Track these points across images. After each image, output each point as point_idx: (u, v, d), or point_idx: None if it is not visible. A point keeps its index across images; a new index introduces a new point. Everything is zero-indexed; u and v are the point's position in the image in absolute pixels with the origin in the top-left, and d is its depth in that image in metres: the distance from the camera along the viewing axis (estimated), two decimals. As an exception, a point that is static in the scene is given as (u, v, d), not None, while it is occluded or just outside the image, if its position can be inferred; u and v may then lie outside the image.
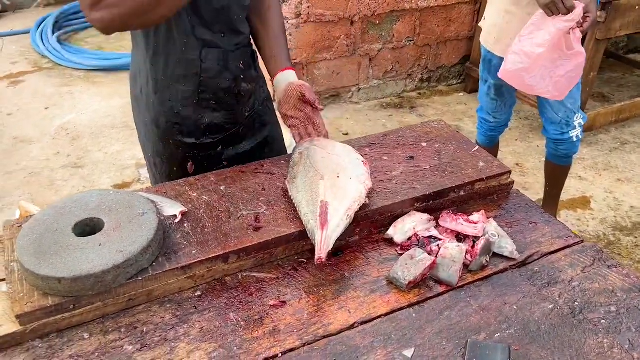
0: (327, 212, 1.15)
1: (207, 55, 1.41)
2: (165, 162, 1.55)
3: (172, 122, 1.47)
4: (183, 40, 1.38)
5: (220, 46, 1.42)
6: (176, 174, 1.54)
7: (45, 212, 1.13)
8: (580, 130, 2.50)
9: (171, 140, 1.50)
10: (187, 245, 1.15)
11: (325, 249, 1.10)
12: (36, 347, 1.00)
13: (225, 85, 1.46)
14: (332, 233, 1.13)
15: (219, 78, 1.45)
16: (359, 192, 1.23)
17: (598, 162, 3.58)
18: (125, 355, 0.99)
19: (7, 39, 5.30)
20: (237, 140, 1.56)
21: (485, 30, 2.44)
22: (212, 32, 1.40)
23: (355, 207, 1.19)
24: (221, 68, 1.44)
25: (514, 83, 2.21)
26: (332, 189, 1.22)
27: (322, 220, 1.14)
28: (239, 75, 1.48)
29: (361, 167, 1.32)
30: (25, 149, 3.55)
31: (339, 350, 1.01)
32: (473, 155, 1.49)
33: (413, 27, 4.20)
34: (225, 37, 1.43)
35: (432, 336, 1.04)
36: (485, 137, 2.78)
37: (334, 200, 1.18)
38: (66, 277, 0.99)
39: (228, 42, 1.44)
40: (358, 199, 1.21)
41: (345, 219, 1.17)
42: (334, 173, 1.27)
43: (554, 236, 1.29)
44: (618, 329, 1.06)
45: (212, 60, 1.42)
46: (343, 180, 1.25)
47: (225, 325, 1.05)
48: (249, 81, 1.53)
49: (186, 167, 1.53)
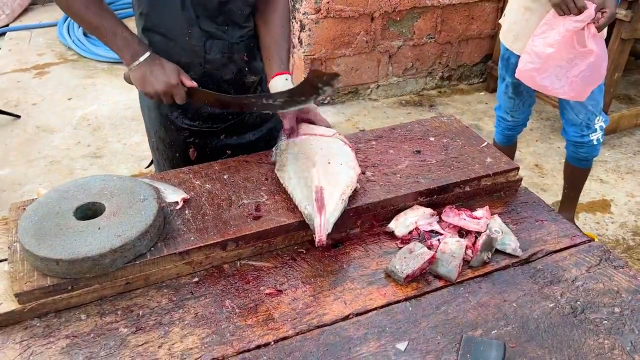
0: (323, 197, 1.17)
1: (212, 47, 1.41)
2: (167, 148, 1.57)
3: (174, 107, 1.48)
4: (187, 30, 1.39)
5: (224, 38, 1.42)
6: (178, 159, 1.56)
7: (49, 196, 1.15)
8: (602, 134, 2.43)
9: (173, 125, 1.51)
10: (187, 232, 1.16)
11: (325, 231, 1.13)
12: (34, 326, 1.02)
13: (229, 76, 1.47)
14: (330, 217, 1.15)
15: (222, 69, 1.45)
16: (350, 177, 1.24)
17: (621, 165, 3.49)
18: (119, 337, 1.00)
19: (35, 31, 5.41)
20: (241, 130, 1.56)
21: (505, 28, 2.39)
22: (216, 25, 1.40)
23: (348, 192, 1.21)
24: (226, 60, 1.44)
25: (529, 83, 2.17)
26: (324, 175, 1.23)
27: (319, 205, 1.16)
28: (243, 67, 1.48)
29: (349, 153, 1.33)
30: (47, 138, 3.62)
31: (332, 341, 1.00)
32: (481, 150, 1.46)
33: (434, 24, 4.16)
34: (229, 29, 1.43)
35: (427, 330, 1.02)
36: (502, 136, 2.74)
37: (327, 186, 1.20)
38: (64, 258, 1.00)
39: (231, 34, 1.43)
40: (350, 184, 1.23)
41: (341, 203, 1.18)
42: (324, 159, 1.28)
43: (560, 235, 1.26)
44: (620, 330, 1.03)
45: (216, 52, 1.42)
46: (334, 166, 1.26)
47: (220, 312, 1.06)
48: (253, 73, 1.52)
49: (188, 154, 1.54)
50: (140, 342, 0.99)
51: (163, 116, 1.51)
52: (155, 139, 1.60)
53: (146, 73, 1.32)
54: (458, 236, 1.21)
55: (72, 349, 0.98)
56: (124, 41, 1.32)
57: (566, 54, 2.00)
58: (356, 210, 1.25)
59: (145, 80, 1.32)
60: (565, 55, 2.00)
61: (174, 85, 1.32)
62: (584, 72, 2.01)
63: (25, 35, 5.33)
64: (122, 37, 1.32)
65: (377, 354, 0.98)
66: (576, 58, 2.00)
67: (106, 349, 0.98)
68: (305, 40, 3.83)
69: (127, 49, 1.32)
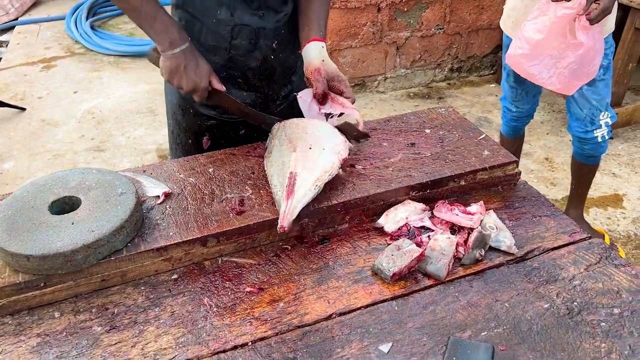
0: (294, 183, 1.14)
1: (239, 33, 1.37)
2: (182, 132, 1.53)
3: None
4: (217, 12, 1.34)
5: (253, 24, 1.37)
6: (191, 146, 1.52)
7: (25, 189, 1.12)
8: (608, 130, 2.33)
9: (191, 109, 1.47)
10: (166, 227, 1.12)
11: (289, 218, 1.09)
12: (5, 324, 0.99)
13: (253, 64, 1.42)
14: (297, 203, 1.12)
15: (247, 56, 1.41)
16: (331, 162, 1.21)
17: (635, 159, 3.39)
18: (92, 336, 0.97)
19: (44, 25, 5.42)
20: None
21: (505, 14, 2.32)
22: (251, 9, 1.36)
23: (325, 178, 1.17)
24: (252, 47, 1.40)
25: (517, 70, 2.09)
26: (303, 160, 1.20)
27: (288, 190, 1.13)
28: (269, 55, 1.42)
29: (337, 136, 1.29)
30: (52, 131, 3.61)
31: (312, 342, 0.96)
32: (479, 143, 1.40)
33: (443, 14, 4.07)
34: (264, 15, 1.38)
35: (413, 331, 0.97)
36: (508, 128, 2.66)
37: (303, 171, 1.17)
38: (35, 254, 0.97)
39: (266, 20, 1.38)
40: (330, 170, 1.19)
41: (314, 189, 1.15)
42: (306, 144, 1.25)
43: (559, 231, 1.20)
44: (619, 332, 0.97)
45: (243, 38, 1.38)
46: (315, 151, 1.23)
47: (197, 311, 1.02)
48: (283, 65, 1.47)
49: (201, 141, 1.50)
50: (113, 341, 0.96)
51: (183, 99, 1.47)
52: (172, 121, 1.56)
53: (179, 66, 1.28)
54: (450, 232, 1.16)
55: (43, 348, 0.94)
56: (164, 26, 1.28)
57: (557, 43, 1.92)
58: (344, 205, 1.20)
59: (175, 72, 1.29)
60: (556, 44, 1.93)
61: (204, 88, 1.30)
62: (572, 65, 1.93)
63: (34, 28, 5.35)
64: (161, 21, 1.28)
65: (359, 355, 0.93)
66: (567, 49, 1.92)
67: (78, 348, 0.94)
68: (310, 31, 3.77)
69: (166, 34, 1.28)
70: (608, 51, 2.15)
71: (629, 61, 3.29)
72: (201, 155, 1.36)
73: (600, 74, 2.14)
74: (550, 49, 1.94)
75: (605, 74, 2.20)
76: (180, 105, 1.50)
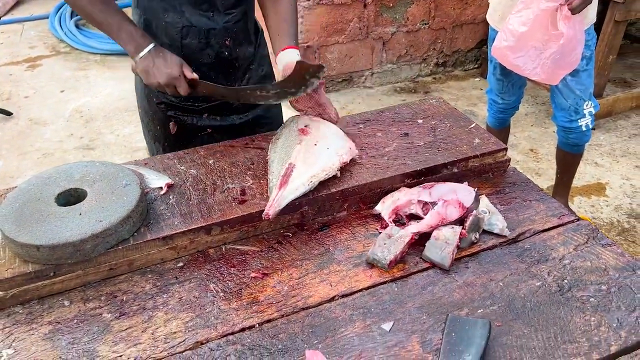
0: (290, 174, 1.18)
1: (188, 33, 1.42)
2: (150, 120, 1.59)
3: None
4: (164, 16, 1.40)
5: (201, 25, 1.42)
6: (159, 132, 1.57)
7: (30, 182, 1.14)
8: (591, 119, 2.41)
9: (155, 98, 1.53)
10: (170, 217, 1.15)
11: (276, 207, 1.13)
12: (17, 313, 1.01)
13: (207, 60, 1.47)
14: (288, 194, 1.15)
15: (199, 54, 1.45)
16: (331, 162, 1.24)
17: (616, 149, 3.48)
18: (103, 322, 1.00)
19: (27, 24, 5.36)
20: (225, 112, 1.55)
21: (492, 8, 2.38)
22: (200, 11, 1.41)
23: (321, 176, 1.21)
24: (202, 46, 1.45)
25: (503, 61, 2.15)
26: (304, 153, 1.23)
27: (282, 180, 1.17)
28: (222, 51, 1.47)
29: (344, 140, 1.32)
30: (40, 130, 3.60)
31: (317, 322, 1.00)
32: (469, 132, 1.45)
33: (428, 9, 4.13)
34: (214, 16, 1.43)
35: (413, 310, 1.02)
36: (495, 119, 2.72)
37: (302, 165, 1.20)
38: (44, 244, 0.99)
39: (215, 21, 1.43)
40: (328, 169, 1.22)
41: (307, 184, 1.18)
42: (313, 139, 1.28)
43: (548, 214, 1.26)
44: (607, 307, 1.02)
45: (192, 38, 1.43)
46: (319, 148, 1.26)
47: (204, 296, 1.05)
48: (239, 58, 1.51)
49: (169, 127, 1.55)
50: (124, 327, 0.99)
51: (147, 88, 1.52)
52: (141, 110, 1.63)
53: (149, 65, 1.33)
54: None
55: (55, 335, 0.97)
56: (128, 35, 1.34)
57: (540, 35, 1.99)
58: (343, 193, 1.24)
59: (148, 72, 1.34)
60: (539, 36, 1.99)
61: (176, 77, 1.33)
62: (555, 55, 1.99)
63: (17, 28, 5.29)
64: (126, 31, 1.34)
65: (362, 334, 0.97)
66: (550, 40, 1.98)
67: (89, 334, 0.97)
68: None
69: (131, 42, 1.34)
70: (590, 42, 2.22)
71: (609, 53, 3.37)
72: (200, 147, 1.39)
73: (583, 64, 2.21)
74: (534, 40, 2.00)
75: (587, 64, 2.26)
76: (145, 94, 1.56)
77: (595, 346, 0.94)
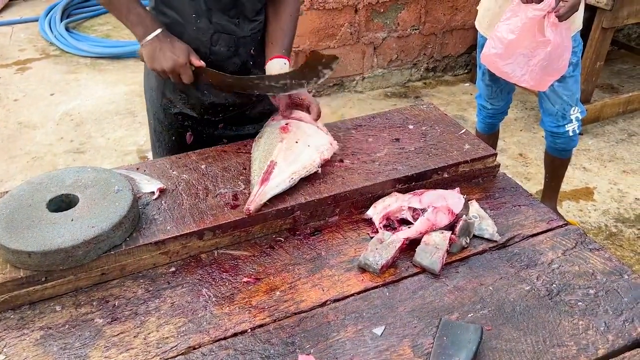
0: (271, 171, 1.21)
1: (218, 40, 1.41)
2: (164, 130, 1.57)
3: (177, 92, 1.49)
4: (196, 21, 1.38)
5: (232, 32, 1.42)
6: (174, 143, 1.56)
7: (21, 188, 1.13)
8: (578, 125, 2.45)
9: (173, 109, 1.52)
10: (163, 222, 1.15)
11: (257, 202, 1.16)
12: (8, 318, 1.01)
13: (232, 69, 1.46)
14: (269, 190, 1.18)
15: (227, 62, 1.45)
16: (311, 159, 1.27)
17: (603, 154, 3.52)
18: (94, 328, 0.99)
19: (17, 27, 5.33)
20: (241, 122, 1.55)
21: (480, 14, 2.41)
22: (228, 17, 1.40)
23: (302, 173, 1.24)
24: (231, 54, 1.45)
25: (492, 68, 2.18)
26: (286, 151, 1.26)
27: (263, 177, 1.20)
28: (247, 60, 1.48)
29: (325, 136, 1.36)
30: (30, 134, 3.57)
31: (309, 327, 1.00)
32: (459, 137, 1.47)
33: (418, 15, 4.16)
34: (240, 23, 1.42)
35: (404, 315, 1.03)
36: (484, 125, 2.75)
37: (283, 162, 1.23)
38: (36, 251, 0.99)
39: (241, 28, 1.43)
40: (308, 166, 1.25)
41: (288, 181, 1.21)
42: (294, 137, 1.31)
43: (537, 219, 1.27)
44: (595, 311, 1.04)
45: (222, 45, 1.43)
46: (300, 146, 1.29)
47: (196, 301, 1.05)
48: (258, 67, 1.51)
49: (185, 138, 1.54)
50: (116, 332, 0.99)
51: (165, 98, 1.51)
52: (153, 121, 1.60)
53: (156, 50, 1.32)
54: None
55: (47, 341, 0.97)
56: (138, 17, 1.33)
57: (528, 43, 2.02)
58: (334, 198, 1.25)
59: (154, 57, 1.32)
60: (527, 43, 2.02)
61: (182, 64, 1.32)
62: (542, 62, 2.02)
63: (6, 30, 5.26)
64: (135, 12, 1.33)
65: (354, 339, 0.98)
66: (538, 47, 2.01)
67: (81, 339, 0.97)
68: (289, 32, 3.81)
69: (140, 25, 1.33)
70: (577, 49, 2.25)
71: (596, 60, 3.41)
72: (192, 152, 1.39)
73: (569, 70, 2.24)
74: (522, 48, 2.03)
75: (574, 70, 2.30)
76: (162, 104, 1.54)
77: (583, 350, 0.96)
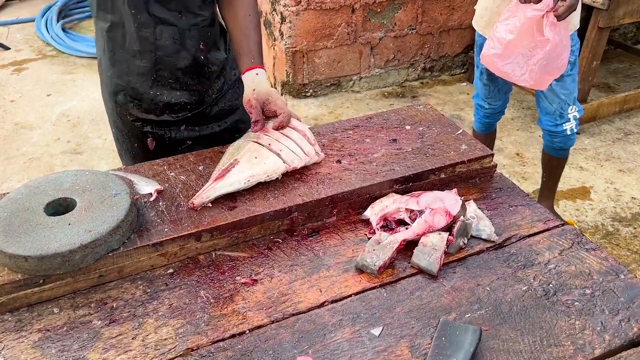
0: (231, 169, 1.21)
1: (162, 33, 1.38)
2: (125, 138, 1.55)
3: (129, 97, 1.46)
4: (137, 16, 1.35)
5: (174, 24, 1.39)
6: (137, 150, 1.54)
7: (19, 191, 1.13)
8: (576, 124, 2.46)
9: (129, 115, 1.49)
10: (160, 223, 1.15)
11: (203, 197, 1.17)
12: (5, 321, 1.01)
13: (182, 64, 1.44)
14: (220, 187, 1.19)
15: (175, 56, 1.42)
16: (275, 166, 1.26)
17: (600, 153, 3.53)
18: (93, 330, 0.99)
19: (13, 27, 5.33)
20: (203, 122, 1.53)
21: (478, 14, 2.41)
22: (167, 10, 1.37)
23: (261, 178, 1.24)
24: (178, 46, 1.41)
25: (491, 69, 2.18)
26: (252, 152, 1.26)
27: (220, 173, 1.20)
28: (198, 55, 1.45)
29: (305, 145, 1.32)
30: (26, 134, 3.57)
31: (307, 328, 1.00)
32: (456, 138, 1.47)
33: (415, 15, 4.16)
34: (182, 16, 1.39)
35: (402, 315, 1.03)
36: (481, 124, 2.76)
37: (245, 163, 1.23)
38: (33, 255, 0.99)
39: (185, 21, 1.40)
40: (270, 172, 1.25)
41: (244, 182, 1.21)
42: (267, 141, 1.30)
43: (534, 219, 1.28)
44: (591, 311, 1.04)
45: (166, 38, 1.39)
46: (269, 151, 1.28)
47: (194, 302, 1.05)
48: (213, 62, 1.49)
49: (147, 143, 1.52)
50: (114, 334, 0.99)
51: (119, 106, 1.49)
52: (115, 130, 1.58)
53: None
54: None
55: (45, 343, 0.97)
56: None
57: (527, 42, 2.02)
58: (332, 199, 1.26)
59: None
60: (526, 43, 2.02)
61: None
62: (541, 61, 2.03)
63: (3, 31, 5.25)
64: None
65: (352, 339, 0.98)
66: (536, 47, 2.02)
67: (79, 341, 0.97)
68: (286, 32, 3.81)
69: None
70: (574, 48, 2.26)
71: (593, 59, 3.43)
72: (190, 153, 1.39)
73: (567, 69, 2.25)
74: (521, 47, 2.03)
75: (572, 69, 2.31)
76: (117, 112, 1.51)
77: (580, 349, 0.96)
